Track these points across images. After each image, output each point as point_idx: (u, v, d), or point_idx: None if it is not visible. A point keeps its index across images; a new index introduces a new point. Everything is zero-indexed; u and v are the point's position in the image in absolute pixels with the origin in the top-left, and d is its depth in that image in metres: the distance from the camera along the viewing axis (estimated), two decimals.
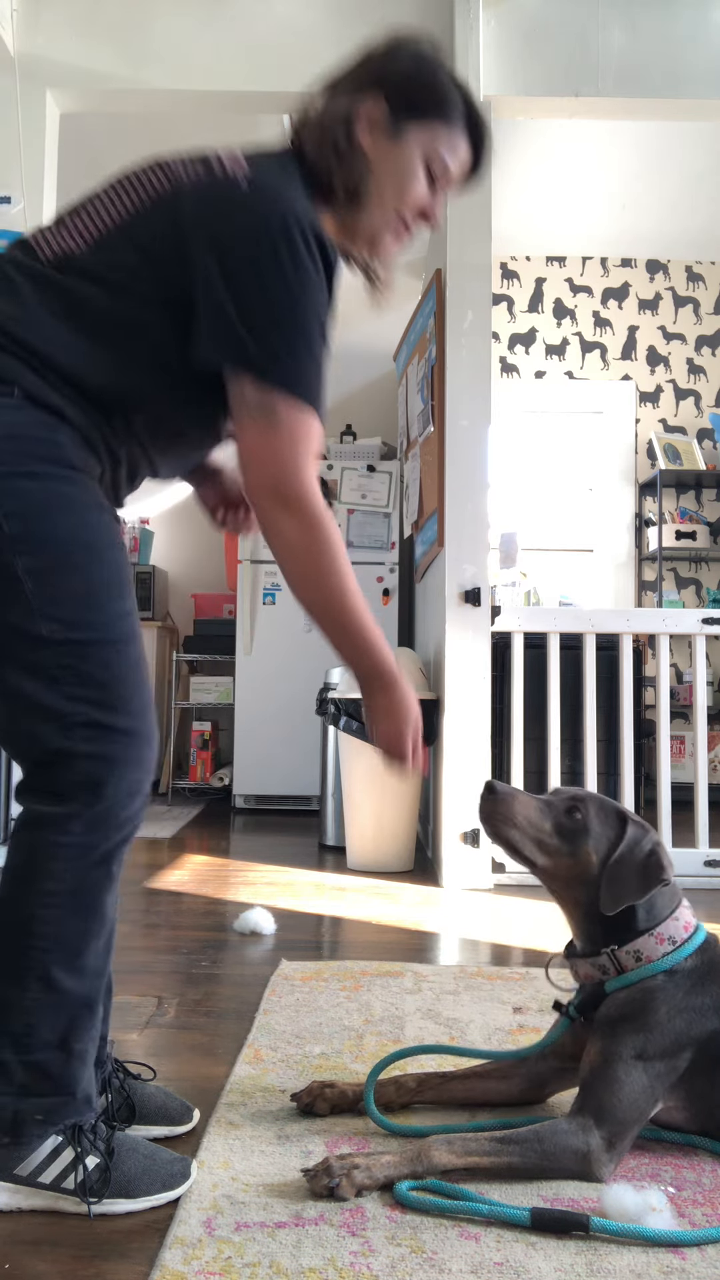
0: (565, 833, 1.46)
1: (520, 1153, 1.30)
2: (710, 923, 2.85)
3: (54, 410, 1.26)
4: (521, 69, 3.57)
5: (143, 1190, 1.26)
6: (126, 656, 1.29)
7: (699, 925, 1.49)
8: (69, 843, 1.25)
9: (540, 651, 3.56)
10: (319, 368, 1.31)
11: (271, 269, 1.25)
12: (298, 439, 1.28)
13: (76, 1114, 1.27)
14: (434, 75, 1.43)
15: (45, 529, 1.24)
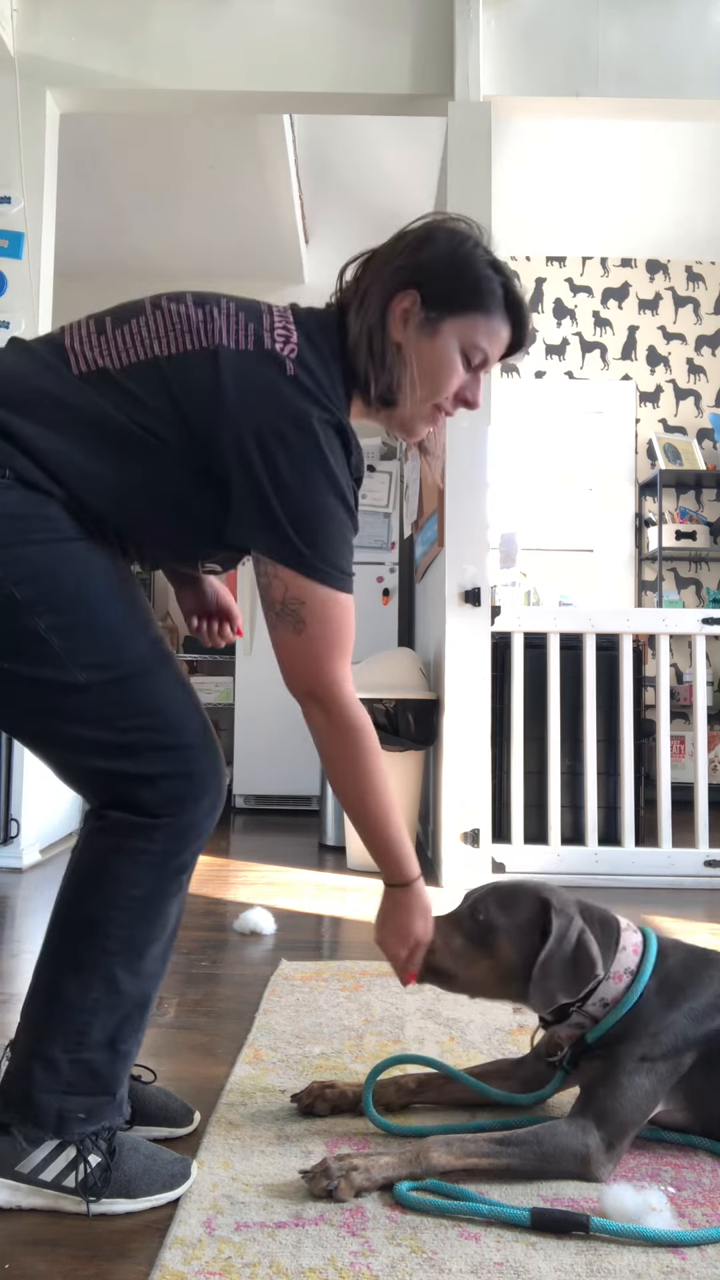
0: (478, 940, 1.42)
1: (519, 1154, 1.30)
2: (710, 922, 2.85)
3: (44, 491, 1.26)
4: (521, 69, 3.57)
5: (143, 1190, 1.27)
6: (166, 679, 1.33)
7: (647, 938, 1.46)
8: (153, 850, 1.29)
9: (540, 651, 3.56)
10: (350, 554, 1.33)
11: (312, 467, 1.27)
12: (329, 638, 1.31)
13: (113, 1115, 1.29)
14: (469, 265, 1.40)
15: (56, 587, 1.26)
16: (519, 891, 1.44)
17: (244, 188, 4.79)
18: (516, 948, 1.40)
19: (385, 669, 3.65)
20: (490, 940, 1.41)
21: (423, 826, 4.17)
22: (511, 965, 1.40)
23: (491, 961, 1.41)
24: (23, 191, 3.55)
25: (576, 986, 1.38)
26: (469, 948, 1.43)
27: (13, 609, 1.23)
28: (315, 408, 1.28)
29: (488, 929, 1.42)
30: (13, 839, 3.47)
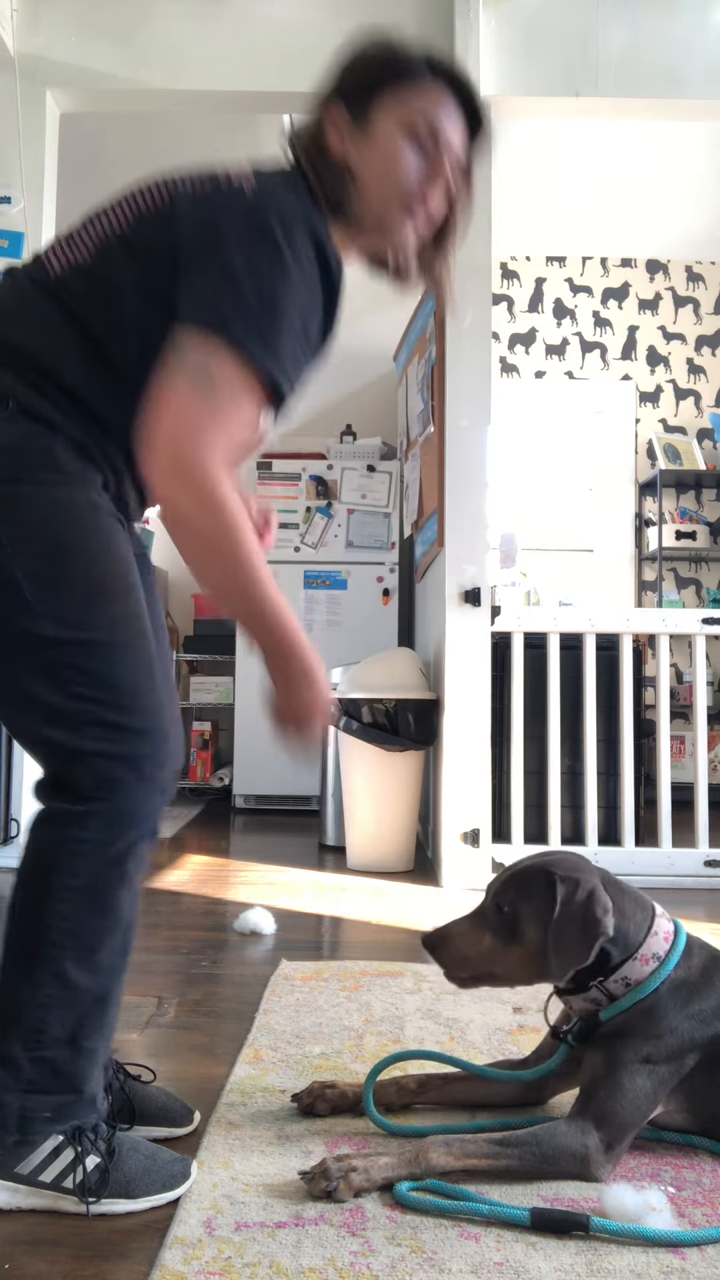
0: (505, 932, 1.42)
1: (518, 1155, 1.30)
2: (710, 922, 2.85)
3: (47, 422, 1.27)
4: (521, 69, 3.57)
5: (143, 1190, 1.26)
6: (134, 654, 1.28)
7: (678, 929, 1.47)
8: (86, 838, 1.26)
9: (540, 651, 3.56)
10: (286, 357, 1.24)
11: (260, 249, 1.22)
12: (227, 418, 1.19)
13: (83, 1113, 1.27)
14: (379, 49, 1.39)
15: (41, 533, 1.25)
16: (529, 873, 1.45)
17: None
18: (540, 929, 1.40)
19: (385, 669, 3.66)
20: (518, 929, 1.42)
21: (423, 826, 4.17)
22: (541, 947, 1.41)
23: (523, 949, 1.42)
24: (23, 191, 3.56)
25: (586, 944, 1.37)
26: (499, 944, 1.43)
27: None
28: (274, 204, 1.25)
29: (513, 920, 1.42)
30: (13, 839, 3.47)
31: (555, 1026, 1.50)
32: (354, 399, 5.84)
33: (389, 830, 3.59)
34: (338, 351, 5.28)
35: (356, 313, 6.61)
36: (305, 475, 5.08)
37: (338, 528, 5.06)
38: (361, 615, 5.02)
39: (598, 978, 1.41)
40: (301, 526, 5.06)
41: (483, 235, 3.53)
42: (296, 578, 5.03)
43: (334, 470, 5.10)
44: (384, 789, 3.59)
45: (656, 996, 1.39)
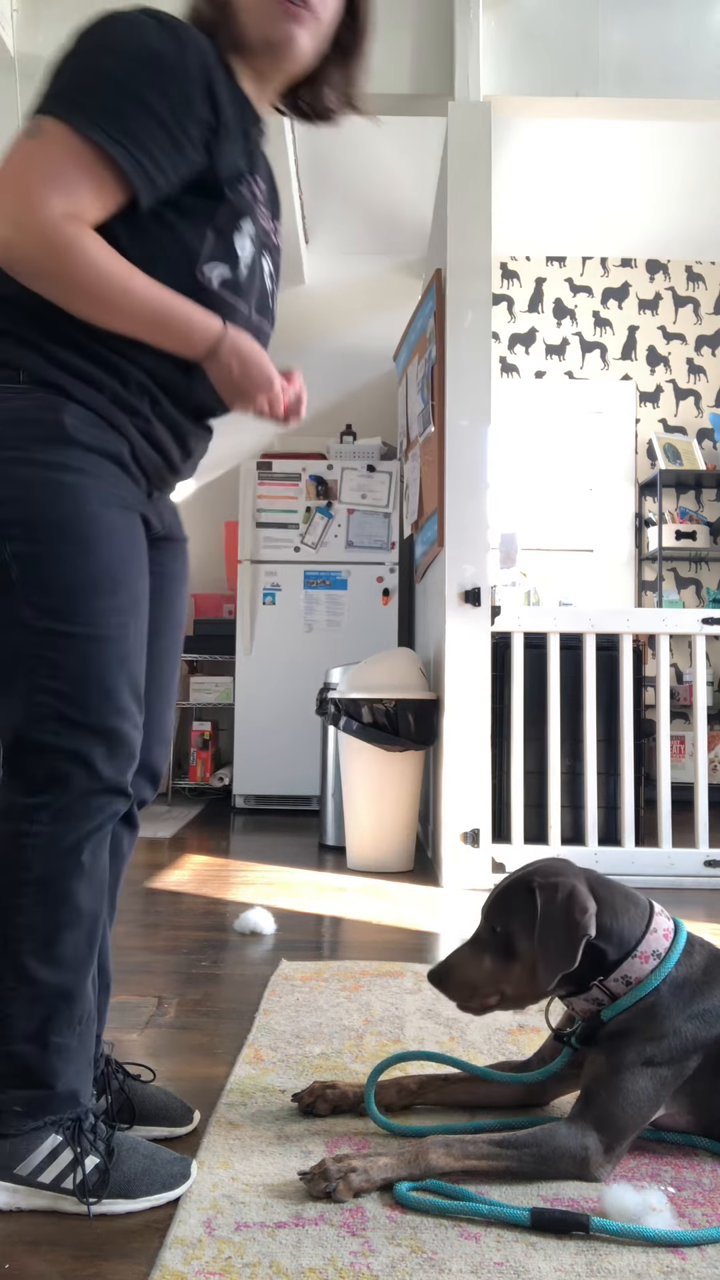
0: (503, 951, 1.43)
1: (518, 1156, 1.30)
2: (710, 922, 2.85)
3: (59, 389, 1.26)
4: (521, 69, 3.57)
5: (142, 1190, 1.26)
6: (108, 653, 1.27)
7: (678, 926, 1.47)
8: (37, 832, 1.25)
9: (540, 651, 3.56)
10: (134, 135, 1.21)
11: (108, 41, 1.23)
12: (63, 175, 1.18)
13: (59, 1109, 1.26)
14: None
15: (37, 516, 1.24)
16: (512, 889, 1.45)
17: None
18: (530, 940, 1.40)
19: (385, 669, 3.66)
20: (512, 946, 1.42)
21: (423, 826, 4.17)
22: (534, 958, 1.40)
23: (521, 964, 1.42)
24: None
25: (571, 947, 1.36)
26: (499, 964, 1.43)
27: None
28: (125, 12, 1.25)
29: (507, 938, 1.43)
30: None
31: (558, 1029, 1.50)
32: (354, 399, 5.85)
33: (389, 830, 3.59)
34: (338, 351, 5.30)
35: (356, 313, 6.63)
36: (305, 475, 5.09)
37: (338, 528, 5.06)
38: (361, 615, 5.03)
39: (598, 977, 1.41)
40: (301, 526, 5.06)
41: (483, 235, 3.53)
42: (296, 578, 5.04)
43: (334, 470, 5.10)
44: (384, 789, 3.59)
45: (658, 994, 1.39)
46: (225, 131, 1.30)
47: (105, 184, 1.21)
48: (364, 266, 5.86)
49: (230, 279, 1.34)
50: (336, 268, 5.85)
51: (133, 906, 2.91)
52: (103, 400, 1.29)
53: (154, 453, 1.37)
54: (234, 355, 1.32)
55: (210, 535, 5.81)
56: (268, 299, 1.46)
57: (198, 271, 1.31)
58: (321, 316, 5.84)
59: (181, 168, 1.26)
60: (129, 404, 1.31)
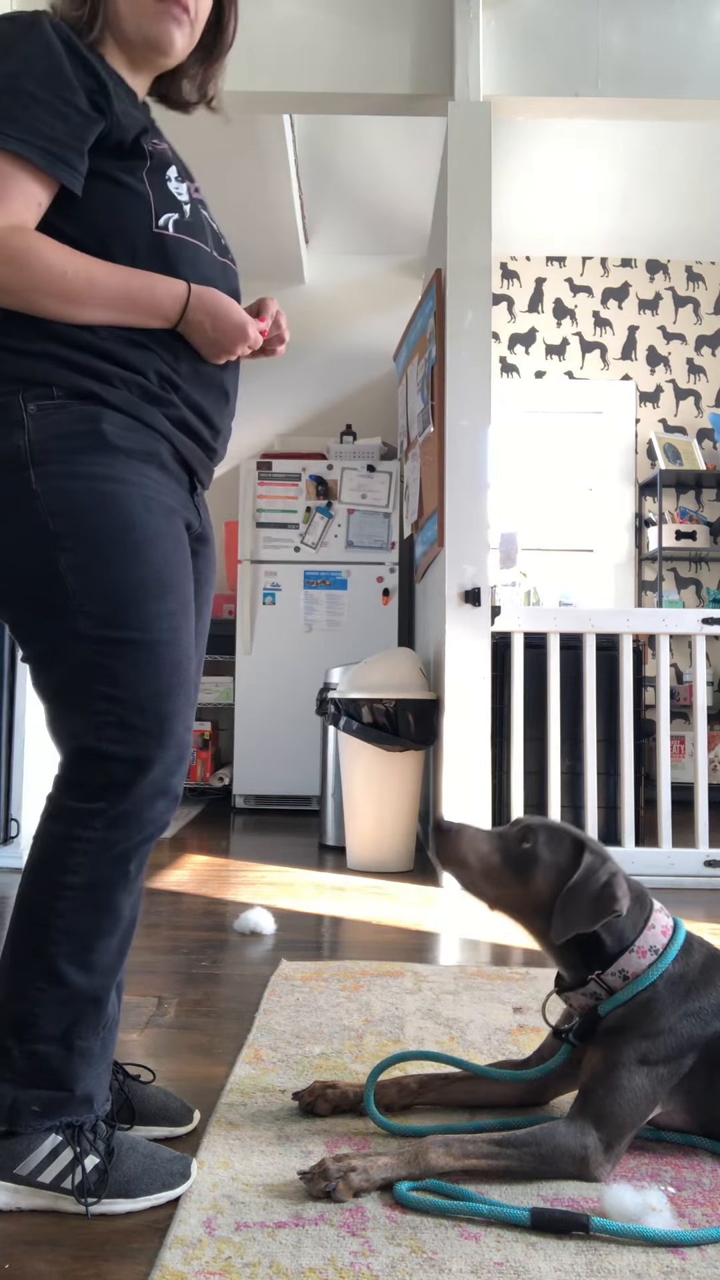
0: (515, 863, 1.44)
1: (518, 1156, 1.30)
2: (710, 922, 2.85)
3: (94, 398, 1.29)
4: (521, 69, 3.57)
5: (142, 1190, 1.26)
6: (162, 658, 1.29)
7: (676, 925, 1.47)
8: (89, 838, 1.27)
9: (540, 651, 3.56)
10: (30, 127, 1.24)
11: None
12: None
13: (74, 1112, 1.27)
14: None
15: (87, 527, 1.26)
16: (563, 832, 1.48)
17: (244, 188, 4.79)
18: (550, 884, 1.43)
19: (385, 669, 3.66)
20: (529, 870, 1.44)
21: (423, 826, 4.17)
22: (541, 898, 1.44)
23: (523, 889, 1.44)
24: None
25: (594, 918, 1.39)
26: (505, 871, 1.45)
27: (43, 537, 1.25)
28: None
29: (530, 859, 1.44)
30: (13, 839, 3.47)
31: (557, 1027, 1.50)
32: (354, 399, 5.85)
33: (389, 830, 3.59)
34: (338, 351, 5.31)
35: (356, 313, 6.63)
36: (305, 475, 5.09)
37: (338, 528, 5.06)
38: (361, 615, 5.03)
39: (595, 971, 1.42)
40: (301, 526, 5.06)
41: (483, 235, 3.53)
42: (296, 578, 5.04)
43: (334, 470, 5.10)
44: (384, 789, 3.59)
45: (654, 990, 1.39)
46: (110, 89, 1.31)
47: (29, 185, 1.24)
48: (364, 266, 5.86)
49: (182, 221, 1.37)
50: (336, 268, 5.85)
51: None
52: (134, 400, 1.31)
53: (189, 440, 1.40)
54: (202, 312, 1.35)
55: None
56: (221, 238, 1.49)
57: (153, 225, 1.33)
58: (321, 316, 5.85)
59: (87, 135, 1.28)
60: (157, 396, 1.34)
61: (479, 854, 1.46)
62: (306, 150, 4.87)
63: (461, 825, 1.49)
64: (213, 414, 1.44)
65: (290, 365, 5.81)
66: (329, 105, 3.70)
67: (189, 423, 1.39)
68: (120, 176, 1.32)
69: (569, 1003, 1.47)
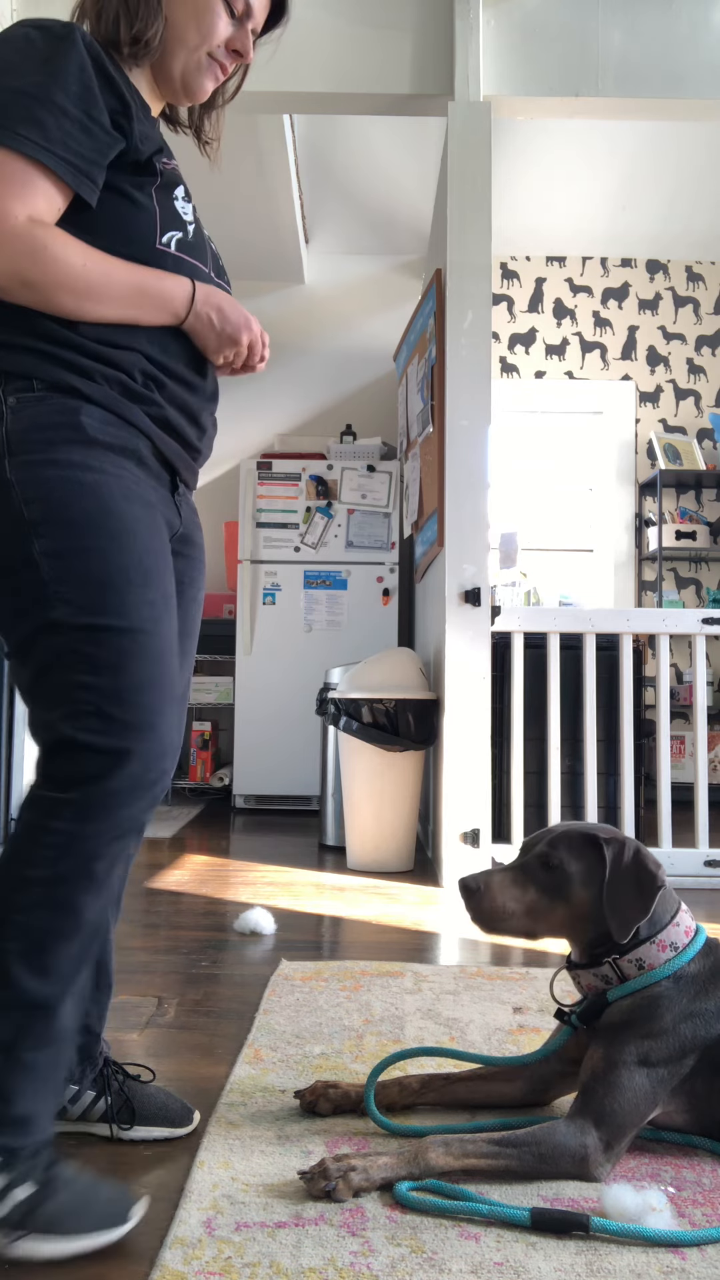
0: (552, 889, 1.44)
1: (517, 1155, 1.30)
2: (710, 923, 2.85)
3: (74, 392, 1.29)
4: (521, 69, 3.57)
5: (72, 1229, 1.15)
6: (145, 648, 1.26)
7: (699, 928, 1.48)
8: (58, 829, 1.21)
9: (540, 651, 3.56)
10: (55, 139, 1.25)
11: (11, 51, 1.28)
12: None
13: (9, 1132, 1.16)
14: None
15: (64, 513, 1.25)
16: (574, 836, 1.47)
17: (244, 188, 4.79)
18: (592, 890, 1.42)
19: (385, 669, 3.66)
20: (565, 888, 1.43)
21: (423, 826, 4.17)
22: (586, 908, 1.43)
23: (567, 907, 1.44)
24: None
25: (645, 900, 1.39)
26: (544, 899, 1.44)
27: (18, 525, 1.23)
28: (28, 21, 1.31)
29: (563, 877, 1.43)
30: None
31: (561, 1009, 1.50)
32: (354, 399, 5.85)
33: (389, 830, 3.59)
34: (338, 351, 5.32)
35: (356, 313, 6.63)
36: (305, 475, 5.09)
37: (338, 528, 5.06)
38: (361, 615, 5.03)
39: (613, 954, 1.42)
40: (301, 526, 5.06)
41: (483, 235, 3.53)
42: (296, 578, 5.04)
43: (334, 470, 5.10)
44: (384, 789, 3.59)
45: (664, 986, 1.40)
46: (133, 111, 1.34)
47: (48, 190, 1.26)
48: (364, 266, 5.86)
49: (184, 241, 1.39)
50: (336, 268, 5.85)
51: (133, 906, 2.91)
52: (114, 396, 1.31)
53: (171, 439, 1.39)
54: (210, 306, 1.37)
55: (210, 535, 5.81)
56: (219, 259, 1.52)
57: (157, 242, 1.36)
58: (321, 316, 5.85)
59: (109, 154, 1.31)
60: (139, 394, 1.34)
61: (516, 897, 1.44)
62: (306, 150, 4.87)
63: (487, 876, 1.46)
64: (199, 412, 1.44)
65: (290, 365, 5.81)
66: (329, 105, 3.70)
67: (172, 421, 1.38)
68: (130, 191, 1.34)
69: (578, 981, 1.48)
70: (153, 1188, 1.32)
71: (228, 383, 5.81)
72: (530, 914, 1.44)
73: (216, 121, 1.59)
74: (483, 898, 1.44)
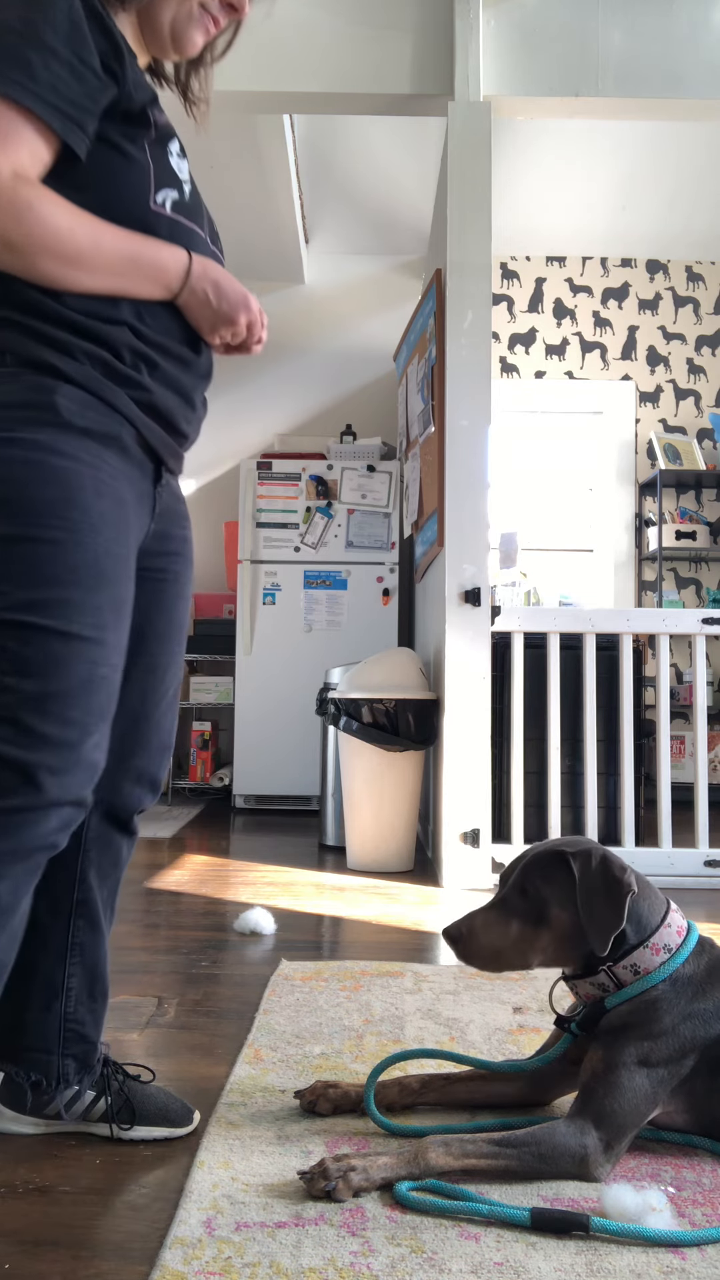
0: (533, 917, 1.44)
1: (517, 1155, 1.30)
2: (710, 922, 2.85)
3: (50, 368, 1.19)
4: (521, 69, 3.57)
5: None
6: (81, 656, 1.16)
7: (691, 927, 1.48)
8: None
9: (540, 651, 3.56)
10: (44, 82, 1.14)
11: None
12: None
13: None
14: None
15: (22, 496, 1.15)
16: (543, 857, 1.46)
17: (244, 188, 4.79)
18: (567, 908, 1.43)
19: (385, 669, 3.66)
20: (545, 913, 1.43)
21: (423, 826, 4.17)
22: (568, 928, 1.43)
23: (551, 932, 1.44)
24: None
25: (618, 909, 1.39)
26: (527, 929, 1.44)
27: None
28: None
29: (539, 903, 1.44)
30: None
31: (561, 1016, 1.50)
32: (354, 399, 5.85)
33: (389, 830, 3.59)
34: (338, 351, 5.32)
35: (356, 313, 6.62)
36: (305, 475, 5.09)
37: (338, 528, 5.06)
38: (361, 615, 5.03)
39: (608, 962, 1.42)
40: (301, 526, 5.06)
41: (483, 235, 3.53)
42: (296, 578, 5.04)
43: (334, 470, 5.10)
44: (384, 789, 3.59)
45: (662, 989, 1.40)
46: (125, 56, 1.24)
47: (37, 143, 1.15)
48: (364, 266, 5.86)
49: (180, 202, 1.30)
50: (336, 268, 5.85)
51: (133, 906, 2.91)
52: (96, 376, 1.21)
53: (158, 426, 1.30)
54: (207, 281, 1.28)
55: (210, 535, 5.81)
56: (214, 225, 1.42)
57: (151, 201, 1.25)
58: (321, 316, 5.85)
59: (101, 100, 1.20)
60: (125, 375, 1.24)
61: (501, 934, 1.45)
62: (306, 150, 4.87)
63: (469, 920, 1.46)
64: (192, 391, 1.35)
65: (290, 365, 5.81)
66: (329, 105, 3.70)
67: (159, 406, 1.28)
68: (121, 143, 1.23)
69: (575, 990, 1.48)
70: (153, 1188, 1.32)
71: (227, 383, 5.82)
72: (518, 947, 1.44)
73: (205, 80, 1.47)
74: (469, 942, 1.45)
